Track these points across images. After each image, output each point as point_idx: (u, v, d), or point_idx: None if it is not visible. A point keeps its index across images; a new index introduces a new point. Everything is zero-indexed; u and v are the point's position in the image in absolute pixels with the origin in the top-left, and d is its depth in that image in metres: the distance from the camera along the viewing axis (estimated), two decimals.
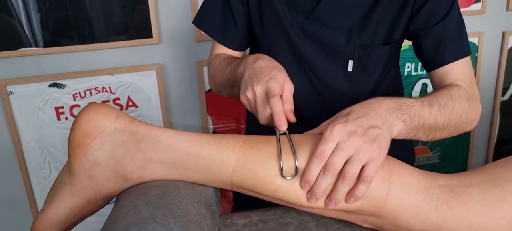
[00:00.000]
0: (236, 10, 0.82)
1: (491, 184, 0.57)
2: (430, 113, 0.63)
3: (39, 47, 1.30)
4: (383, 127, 0.55)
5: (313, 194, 0.55)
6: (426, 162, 1.71)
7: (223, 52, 0.86)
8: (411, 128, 0.61)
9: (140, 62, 1.40)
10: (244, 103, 0.65)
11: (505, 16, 1.57)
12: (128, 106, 1.43)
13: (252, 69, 0.64)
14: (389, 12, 0.77)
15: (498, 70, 1.65)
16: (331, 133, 0.54)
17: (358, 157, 0.53)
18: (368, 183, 0.54)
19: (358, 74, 0.80)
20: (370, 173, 0.53)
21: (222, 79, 0.80)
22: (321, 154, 0.53)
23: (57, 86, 1.36)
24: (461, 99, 0.69)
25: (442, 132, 0.67)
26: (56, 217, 0.57)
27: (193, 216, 0.54)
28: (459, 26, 0.77)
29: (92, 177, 0.56)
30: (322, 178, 0.54)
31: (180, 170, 0.58)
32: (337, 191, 0.55)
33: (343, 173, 0.53)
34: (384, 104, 0.59)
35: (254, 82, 0.61)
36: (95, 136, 0.56)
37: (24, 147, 1.41)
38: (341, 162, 0.53)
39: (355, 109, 0.57)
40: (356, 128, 0.54)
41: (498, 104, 1.70)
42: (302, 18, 0.78)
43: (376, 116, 0.56)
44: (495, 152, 1.77)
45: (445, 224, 0.56)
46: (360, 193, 0.54)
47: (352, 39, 0.78)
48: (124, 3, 1.31)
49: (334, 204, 0.55)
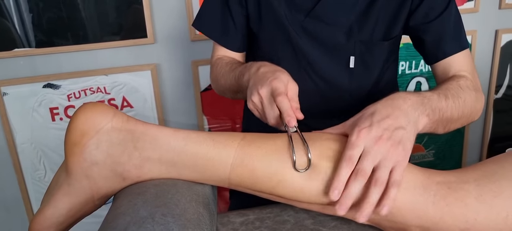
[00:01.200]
0: (235, 11, 0.82)
1: (487, 180, 0.58)
2: (447, 105, 0.64)
3: (32, 48, 1.29)
4: (408, 126, 0.55)
5: (343, 202, 0.52)
6: (421, 159, 1.72)
7: (224, 55, 0.86)
8: (433, 122, 0.61)
9: (135, 63, 1.39)
10: (252, 109, 0.64)
11: (498, 14, 1.59)
12: (123, 106, 1.42)
13: (256, 76, 0.65)
14: (388, 8, 0.77)
15: (491, 68, 1.67)
16: (358, 137, 0.53)
17: (385, 163, 0.52)
18: (397, 187, 0.53)
19: (359, 71, 0.81)
20: (397, 178, 0.53)
21: (225, 84, 0.80)
22: (350, 159, 0.53)
23: (52, 87, 1.35)
24: (469, 90, 0.70)
25: (456, 123, 0.68)
26: (54, 217, 0.56)
27: (191, 215, 0.54)
28: (457, 20, 0.78)
29: (89, 177, 0.56)
30: (353, 183, 0.52)
31: (178, 168, 0.58)
32: (369, 198, 0.52)
33: (375, 180, 0.52)
34: (408, 100, 0.58)
35: (259, 86, 0.61)
36: (92, 135, 0.55)
37: (19, 148, 1.40)
38: (371, 167, 0.52)
39: (379, 109, 0.56)
40: (382, 132, 0.53)
41: (491, 102, 1.71)
42: (303, 17, 0.78)
43: (401, 115, 0.55)
44: (489, 149, 1.79)
45: (442, 219, 0.57)
46: (391, 199, 0.52)
47: (352, 36, 0.78)
48: (118, 3, 1.31)
49: (366, 217, 0.52)
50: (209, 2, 0.85)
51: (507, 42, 1.63)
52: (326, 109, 0.82)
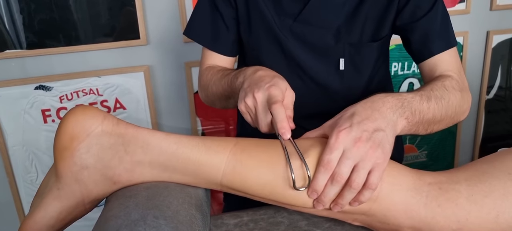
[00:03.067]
0: (226, 14, 0.82)
1: (477, 180, 0.58)
2: (429, 107, 0.63)
3: (24, 49, 1.28)
4: (387, 128, 0.55)
5: (321, 201, 0.56)
6: (413, 160, 1.73)
7: (214, 63, 0.85)
8: (412, 124, 0.61)
9: (127, 64, 1.38)
10: (243, 111, 0.63)
11: (489, 15, 1.60)
12: (116, 108, 1.41)
13: (253, 78, 0.63)
14: (376, 9, 0.78)
15: (483, 69, 1.68)
16: (337, 140, 0.53)
17: (363, 165, 0.53)
18: (372, 190, 0.54)
19: (350, 72, 0.81)
20: (375, 180, 0.53)
21: (217, 91, 0.78)
22: (328, 163, 0.53)
23: (43, 88, 1.34)
24: (454, 91, 0.69)
25: (439, 125, 0.67)
26: (43, 221, 0.56)
27: (184, 217, 0.54)
28: (444, 19, 0.78)
29: (79, 181, 0.56)
30: (329, 187, 0.54)
31: (169, 172, 0.58)
32: (343, 197, 0.55)
33: (350, 182, 0.53)
34: (387, 102, 0.58)
35: (255, 89, 0.59)
36: (82, 138, 0.55)
37: (10, 150, 1.38)
38: (348, 171, 0.53)
39: (358, 110, 0.56)
40: (361, 133, 0.53)
41: (483, 102, 1.73)
42: (291, 21, 0.79)
43: (380, 116, 0.56)
44: (481, 150, 1.80)
45: (434, 220, 0.57)
46: (365, 199, 0.55)
47: (341, 38, 0.78)
48: (110, 5, 1.30)
49: (340, 208, 0.56)
50: (199, 9, 0.85)
51: (498, 43, 1.65)
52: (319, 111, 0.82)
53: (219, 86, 0.77)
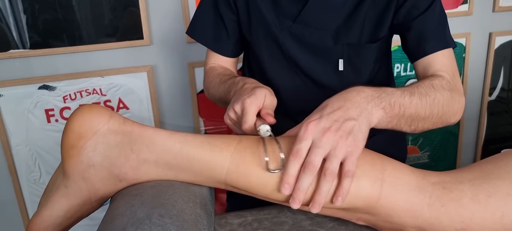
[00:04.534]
0: (227, 17, 0.84)
1: (482, 180, 0.58)
2: (411, 102, 0.62)
3: (28, 49, 1.29)
4: (359, 117, 0.55)
5: (295, 196, 0.53)
6: (416, 161, 1.73)
7: (217, 63, 0.88)
8: (391, 116, 0.60)
9: (131, 64, 1.39)
10: (228, 124, 0.67)
11: (492, 17, 1.60)
12: (119, 108, 1.42)
13: (238, 92, 0.68)
14: (375, 10, 0.78)
15: (485, 70, 1.68)
16: (305, 131, 0.54)
17: (335, 153, 0.52)
18: (350, 177, 0.53)
19: (349, 73, 0.81)
20: (350, 168, 0.53)
21: (216, 94, 0.83)
22: (297, 152, 0.53)
23: (47, 88, 1.35)
24: (443, 90, 0.68)
25: (425, 122, 0.66)
26: (51, 219, 0.56)
27: (189, 216, 0.54)
28: (441, 19, 0.77)
29: (86, 179, 0.56)
30: (302, 177, 0.53)
31: (174, 170, 0.58)
32: (320, 189, 0.53)
33: (324, 171, 0.53)
34: (362, 93, 0.58)
35: (235, 103, 0.64)
36: (89, 137, 0.55)
37: (14, 150, 1.39)
38: (319, 160, 0.53)
39: (331, 102, 0.57)
40: (331, 123, 0.53)
41: (485, 104, 1.72)
42: (290, 22, 0.79)
43: (352, 106, 0.56)
44: (483, 151, 1.80)
45: (438, 220, 0.57)
46: (345, 190, 0.54)
47: (339, 39, 0.79)
48: (114, 5, 1.30)
49: (319, 207, 0.54)
50: (201, 10, 0.87)
51: (501, 44, 1.65)
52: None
53: (217, 92, 0.81)
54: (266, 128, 0.59)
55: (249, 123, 0.61)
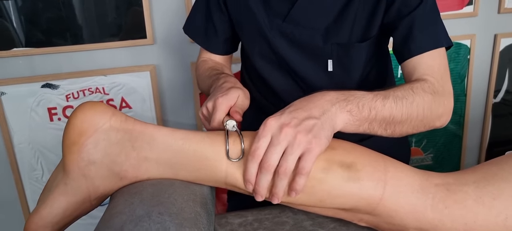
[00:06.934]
0: (217, 18, 0.86)
1: (486, 182, 0.58)
2: (383, 105, 0.60)
3: (31, 48, 1.29)
4: (322, 118, 0.54)
5: (257, 192, 0.55)
6: (419, 163, 1.72)
7: (208, 57, 0.92)
8: (360, 119, 0.58)
9: (134, 63, 1.39)
10: (201, 118, 0.69)
11: (497, 18, 1.59)
12: (121, 107, 1.42)
13: (215, 90, 0.69)
14: (365, 9, 0.75)
15: (490, 72, 1.67)
16: (264, 127, 0.53)
17: (291, 150, 0.52)
18: (304, 175, 0.52)
19: (338, 74, 0.80)
20: (305, 165, 0.52)
21: (204, 88, 0.86)
22: (255, 151, 0.53)
23: (50, 87, 1.35)
24: (424, 93, 0.65)
25: (403, 126, 0.64)
26: (50, 217, 0.56)
27: (188, 214, 0.54)
28: (431, 18, 0.73)
29: (86, 176, 0.56)
30: (260, 177, 0.53)
31: (175, 168, 0.58)
32: (275, 186, 0.54)
33: (278, 168, 0.52)
34: (327, 95, 0.58)
35: (208, 101, 0.66)
36: (90, 134, 0.55)
37: (16, 148, 1.39)
38: (276, 158, 0.52)
39: (294, 103, 0.57)
40: (290, 120, 0.53)
41: (490, 106, 1.71)
42: (280, 21, 0.79)
43: (315, 107, 0.55)
44: (487, 154, 1.78)
45: (441, 222, 0.56)
46: (298, 186, 0.53)
47: (329, 39, 0.77)
48: (117, 4, 1.31)
49: (277, 200, 0.55)
50: (195, 8, 0.90)
51: (506, 46, 1.63)
52: None
53: (205, 85, 0.83)
54: (233, 124, 0.60)
55: (217, 121, 0.62)
